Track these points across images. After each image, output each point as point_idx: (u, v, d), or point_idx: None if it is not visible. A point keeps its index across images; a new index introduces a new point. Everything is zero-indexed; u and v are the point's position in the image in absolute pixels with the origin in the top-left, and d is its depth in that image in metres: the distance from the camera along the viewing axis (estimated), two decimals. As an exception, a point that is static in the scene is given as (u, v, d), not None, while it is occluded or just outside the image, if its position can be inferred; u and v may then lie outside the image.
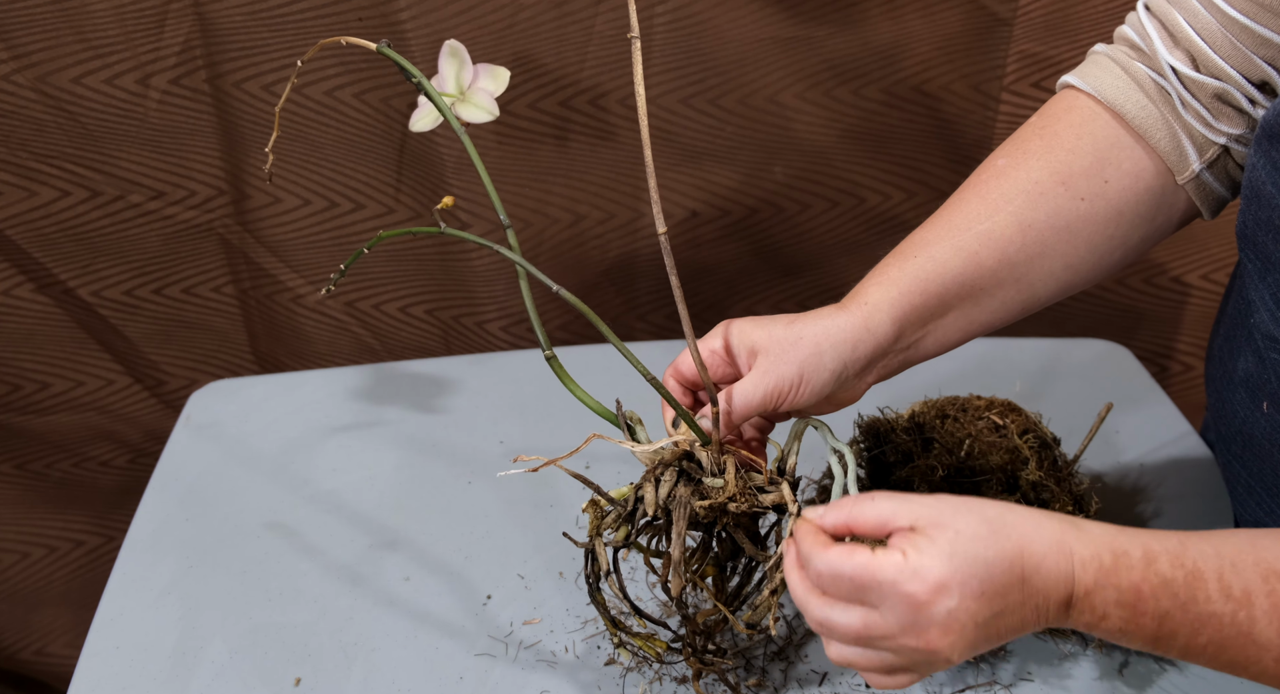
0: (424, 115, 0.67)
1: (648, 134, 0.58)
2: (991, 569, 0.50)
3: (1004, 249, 0.65)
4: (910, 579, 0.50)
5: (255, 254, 1.16)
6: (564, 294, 0.61)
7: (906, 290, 0.64)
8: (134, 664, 0.75)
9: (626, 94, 1.07)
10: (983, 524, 0.51)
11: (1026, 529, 0.51)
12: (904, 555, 0.50)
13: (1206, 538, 0.51)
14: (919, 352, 0.67)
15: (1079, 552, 0.50)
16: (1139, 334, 1.28)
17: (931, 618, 0.50)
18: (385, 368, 1.06)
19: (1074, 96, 0.68)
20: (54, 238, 1.09)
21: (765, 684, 0.72)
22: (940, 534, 0.50)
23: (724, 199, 1.15)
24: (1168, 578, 0.49)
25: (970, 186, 0.68)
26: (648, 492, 0.63)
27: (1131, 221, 0.67)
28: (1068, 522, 0.52)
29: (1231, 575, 0.49)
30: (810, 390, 0.62)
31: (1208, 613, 0.49)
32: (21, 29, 0.95)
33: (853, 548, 0.52)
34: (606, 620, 0.68)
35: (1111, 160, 0.66)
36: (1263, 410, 0.69)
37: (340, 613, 0.79)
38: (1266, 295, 0.65)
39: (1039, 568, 0.50)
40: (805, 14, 1.03)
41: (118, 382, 1.21)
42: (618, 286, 1.22)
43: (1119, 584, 0.50)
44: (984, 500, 0.53)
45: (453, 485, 0.90)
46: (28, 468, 1.23)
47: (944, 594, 0.49)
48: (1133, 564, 0.49)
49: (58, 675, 1.34)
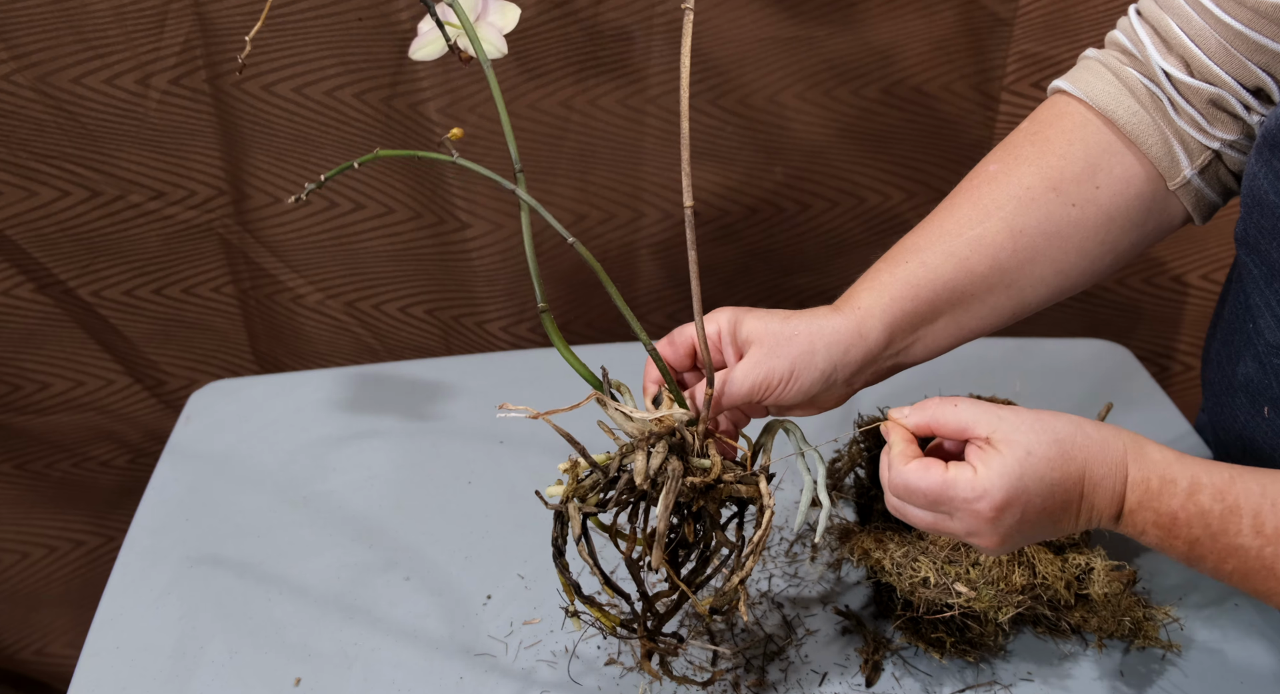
0: (425, 43, 0.65)
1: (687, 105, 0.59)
2: (1055, 490, 0.54)
3: (995, 255, 0.66)
4: (980, 498, 0.54)
5: (255, 254, 1.16)
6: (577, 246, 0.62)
7: (898, 296, 0.65)
8: (134, 664, 0.75)
9: (627, 94, 1.07)
10: (1054, 445, 0.54)
11: (1094, 449, 0.54)
12: (975, 472, 0.54)
13: (1259, 476, 0.54)
14: (908, 357, 0.68)
15: (1132, 474, 0.54)
16: (1139, 334, 1.28)
17: (995, 528, 0.55)
18: (385, 368, 1.06)
19: (1065, 102, 0.69)
20: (54, 238, 1.09)
21: (765, 684, 0.72)
22: (1011, 452, 0.54)
23: (724, 199, 1.15)
24: (1205, 509, 0.53)
25: (962, 192, 0.69)
26: (638, 461, 0.62)
27: (1123, 227, 0.67)
28: (1133, 443, 0.55)
29: (1269, 513, 0.52)
30: (798, 387, 0.63)
31: (1236, 545, 0.53)
32: (21, 29, 0.95)
33: (928, 464, 0.56)
34: (566, 585, 0.66)
35: (1103, 166, 0.66)
36: (1264, 415, 0.69)
37: (340, 613, 0.79)
38: (1273, 302, 0.65)
39: (1097, 487, 0.55)
40: (805, 14, 1.03)
41: (118, 382, 1.21)
42: (618, 286, 1.22)
43: (1158, 508, 0.54)
44: (1058, 415, 0.56)
45: (453, 485, 0.91)
46: (28, 468, 1.23)
47: (1008, 511, 0.54)
48: (1176, 492, 0.53)
49: (58, 675, 1.34)
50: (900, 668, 0.73)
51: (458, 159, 0.62)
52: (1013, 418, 0.55)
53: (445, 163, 0.63)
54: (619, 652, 0.75)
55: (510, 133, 0.64)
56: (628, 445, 0.64)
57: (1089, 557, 0.70)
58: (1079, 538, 0.72)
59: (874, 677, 0.72)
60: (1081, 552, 0.71)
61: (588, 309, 1.23)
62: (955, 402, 0.58)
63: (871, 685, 0.72)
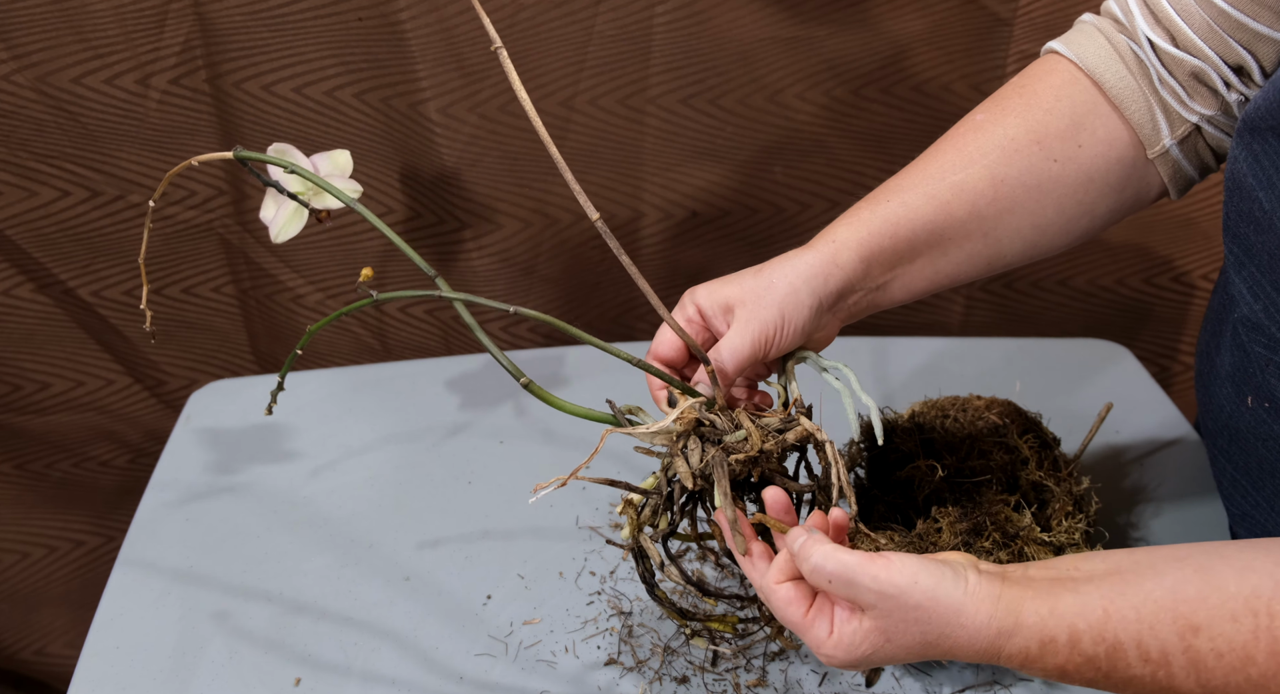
0: (282, 225, 0.64)
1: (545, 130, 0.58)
2: (906, 657, 0.55)
3: (975, 201, 0.67)
4: (827, 656, 0.56)
5: (255, 254, 1.16)
6: (523, 312, 0.61)
7: (876, 232, 0.66)
8: (134, 664, 0.75)
9: (627, 94, 1.07)
10: (919, 638, 0.54)
11: (960, 640, 0.53)
12: (829, 634, 0.55)
13: (1132, 595, 0.53)
14: (886, 295, 0.68)
15: (1006, 650, 0.53)
16: (1139, 334, 1.28)
17: (843, 667, 0.57)
18: (385, 368, 1.06)
19: (1056, 61, 0.70)
20: (54, 238, 1.09)
21: (765, 684, 0.72)
22: (871, 639, 0.54)
23: (724, 199, 1.15)
24: (1090, 655, 0.52)
25: (948, 139, 0.70)
26: (680, 466, 0.62)
27: (1101, 189, 0.68)
28: (1007, 620, 0.53)
29: (1150, 639, 0.52)
30: (793, 329, 0.64)
31: (1129, 677, 0.53)
32: (21, 29, 0.95)
33: (790, 599, 0.57)
34: (673, 614, 0.69)
35: (1087, 126, 0.67)
36: (1246, 404, 0.69)
37: (340, 613, 0.79)
38: (1244, 288, 0.65)
39: (958, 651, 0.54)
40: (805, 14, 1.03)
41: (118, 381, 1.21)
42: (618, 286, 1.23)
43: (1044, 666, 0.54)
44: (941, 592, 0.53)
45: (453, 485, 0.91)
46: (28, 468, 1.23)
47: (850, 666, 0.56)
48: (1058, 650, 0.53)
49: (58, 675, 1.34)
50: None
51: (378, 297, 0.62)
52: (889, 604, 0.53)
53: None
54: (619, 652, 0.75)
55: (406, 248, 0.63)
56: (665, 456, 0.64)
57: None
58: (1078, 537, 0.72)
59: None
60: (1081, 551, 0.71)
61: (587, 309, 1.23)
62: (849, 573, 0.54)
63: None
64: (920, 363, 1.05)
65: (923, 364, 1.05)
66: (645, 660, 0.74)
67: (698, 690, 0.71)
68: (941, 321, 1.28)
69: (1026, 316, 1.27)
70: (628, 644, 0.75)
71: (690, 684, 0.72)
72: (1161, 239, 1.19)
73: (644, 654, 0.74)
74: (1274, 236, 0.61)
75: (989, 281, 1.24)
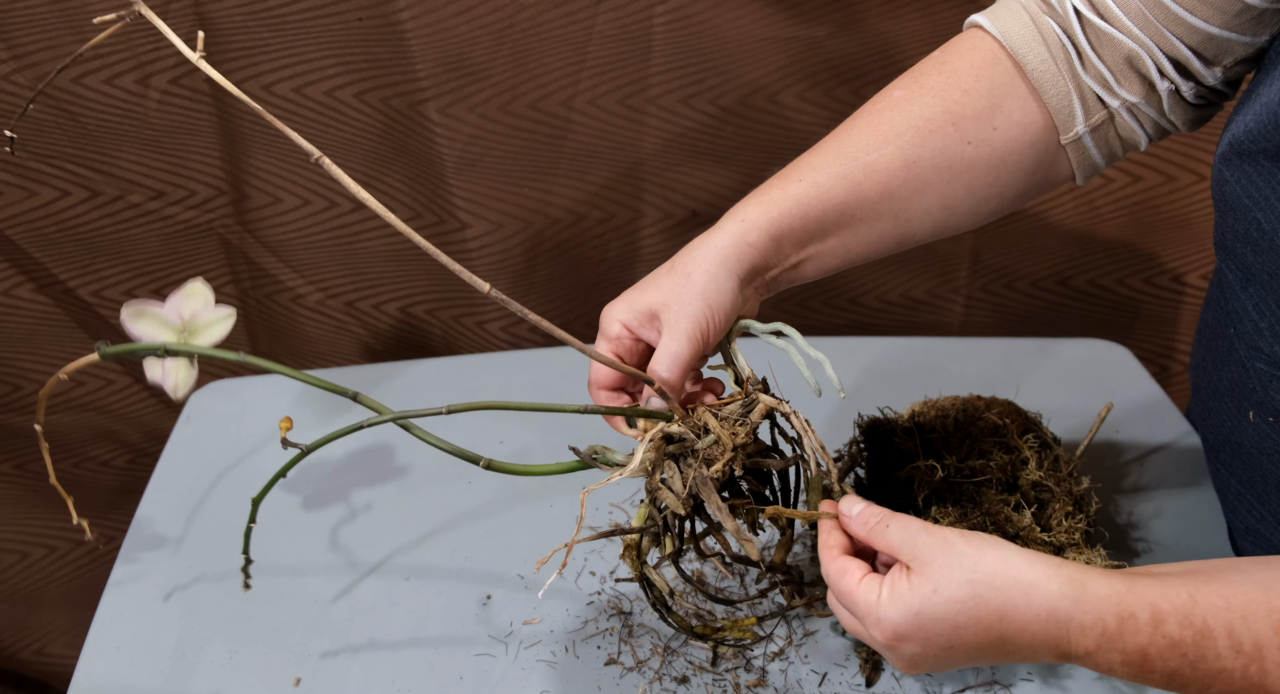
0: (175, 381, 0.63)
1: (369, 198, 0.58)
2: (961, 632, 0.52)
3: (887, 183, 0.66)
4: (875, 623, 0.54)
5: (255, 254, 1.16)
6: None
7: (787, 212, 0.65)
8: (134, 664, 0.75)
9: (627, 94, 1.07)
10: (964, 586, 0.52)
11: (1014, 596, 0.51)
12: (878, 598, 0.54)
13: (1218, 586, 0.50)
14: (799, 273, 0.69)
15: (1077, 619, 0.50)
16: (1139, 334, 1.28)
17: (896, 655, 0.56)
18: (385, 368, 1.06)
19: (980, 37, 0.69)
20: (54, 238, 1.09)
21: (765, 684, 0.72)
22: (918, 587, 0.53)
23: (724, 199, 1.15)
24: (1176, 639, 0.49)
25: (864, 115, 0.69)
26: (666, 497, 0.63)
27: (1013, 173, 0.68)
28: (1069, 584, 0.51)
29: (1242, 629, 0.49)
30: (723, 315, 0.64)
31: (1218, 669, 0.49)
32: (21, 29, 0.95)
33: (845, 568, 0.56)
34: (690, 635, 0.70)
35: (1004, 108, 0.67)
36: (1249, 419, 0.69)
37: (340, 613, 0.79)
38: (1249, 306, 0.65)
39: (1022, 632, 0.51)
40: (805, 14, 1.03)
41: (118, 381, 1.21)
42: (618, 287, 1.22)
43: (1124, 647, 0.50)
44: (990, 551, 0.53)
45: (453, 485, 0.91)
46: (28, 468, 1.23)
47: (905, 642, 0.54)
48: (1139, 628, 0.49)
49: (58, 675, 1.34)
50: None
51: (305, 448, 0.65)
52: (937, 549, 0.54)
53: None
54: (619, 652, 0.75)
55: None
56: (649, 486, 0.65)
57: (1089, 555, 0.70)
58: (1078, 537, 0.72)
59: (874, 677, 0.72)
60: (1081, 551, 0.71)
61: (587, 309, 1.23)
62: (890, 521, 0.56)
63: (871, 685, 0.72)
64: (920, 363, 1.05)
65: (923, 364, 1.05)
66: (645, 660, 0.74)
67: (698, 690, 0.71)
68: (941, 321, 1.28)
69: (1026, 316, 1.27)
70: (628, 644, 0.75)
71: (690, 684, 0.72)
72: (1161, 239, 1.19)
73: (644, 654, 0.74)
74: (1275, 257, 0.61)
75: (989, 282, 1.24)
